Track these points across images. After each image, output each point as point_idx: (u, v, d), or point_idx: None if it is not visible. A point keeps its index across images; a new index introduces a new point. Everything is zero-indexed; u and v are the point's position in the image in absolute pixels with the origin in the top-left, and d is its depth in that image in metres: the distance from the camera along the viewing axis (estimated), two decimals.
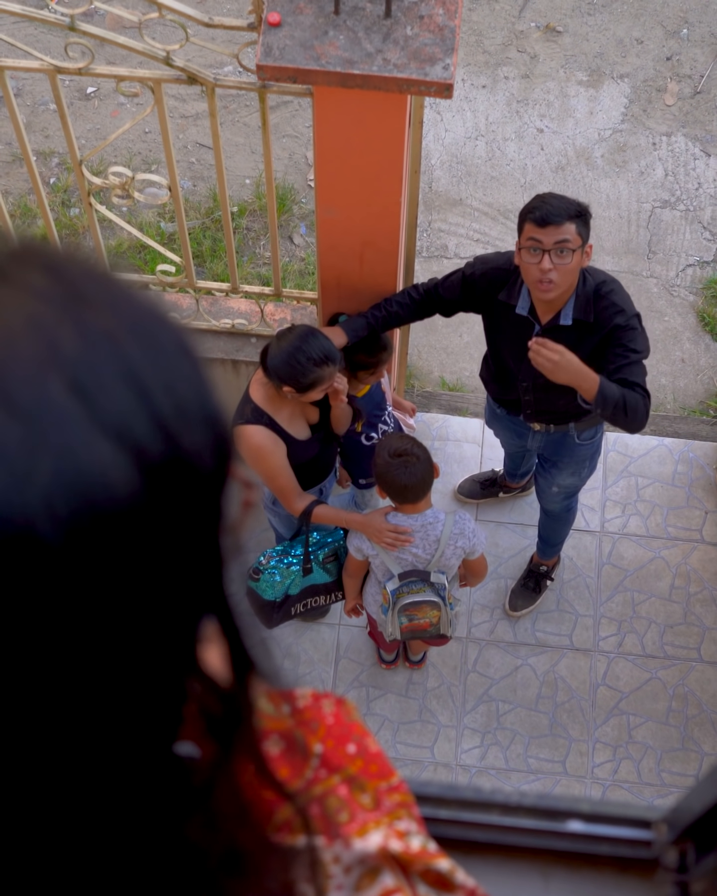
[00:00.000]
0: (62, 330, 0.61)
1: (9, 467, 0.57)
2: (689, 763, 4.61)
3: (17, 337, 0.60)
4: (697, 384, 5.28)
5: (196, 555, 0.65)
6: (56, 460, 0.58)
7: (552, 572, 4.78)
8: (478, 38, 5.89)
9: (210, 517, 0.66)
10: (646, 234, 5.53)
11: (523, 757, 4.62)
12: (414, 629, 4.00)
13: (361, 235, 3.63)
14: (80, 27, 3.20)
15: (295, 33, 2.99)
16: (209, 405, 0.65)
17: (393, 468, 3.64)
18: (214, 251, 5.38)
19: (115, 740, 0.65)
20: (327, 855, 0.80)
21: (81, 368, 0.60)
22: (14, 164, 5.58)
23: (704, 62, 5.86)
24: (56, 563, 0.58)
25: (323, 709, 0.88)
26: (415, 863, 0.81)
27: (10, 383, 0.58)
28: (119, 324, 0.63)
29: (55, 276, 0.64)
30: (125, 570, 0.61)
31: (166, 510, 0.62)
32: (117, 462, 0.59)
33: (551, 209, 3.48)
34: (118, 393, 0.60)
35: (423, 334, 5.18)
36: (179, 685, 0.68)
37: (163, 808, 0.68)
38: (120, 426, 0.60)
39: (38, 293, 0.62)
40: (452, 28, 2.99)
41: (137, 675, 0.64)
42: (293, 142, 5.69)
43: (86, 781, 0.64)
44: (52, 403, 0.58)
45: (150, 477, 0.60)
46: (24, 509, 0.57)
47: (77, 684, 0.61)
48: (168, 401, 0.62)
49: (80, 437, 0.58)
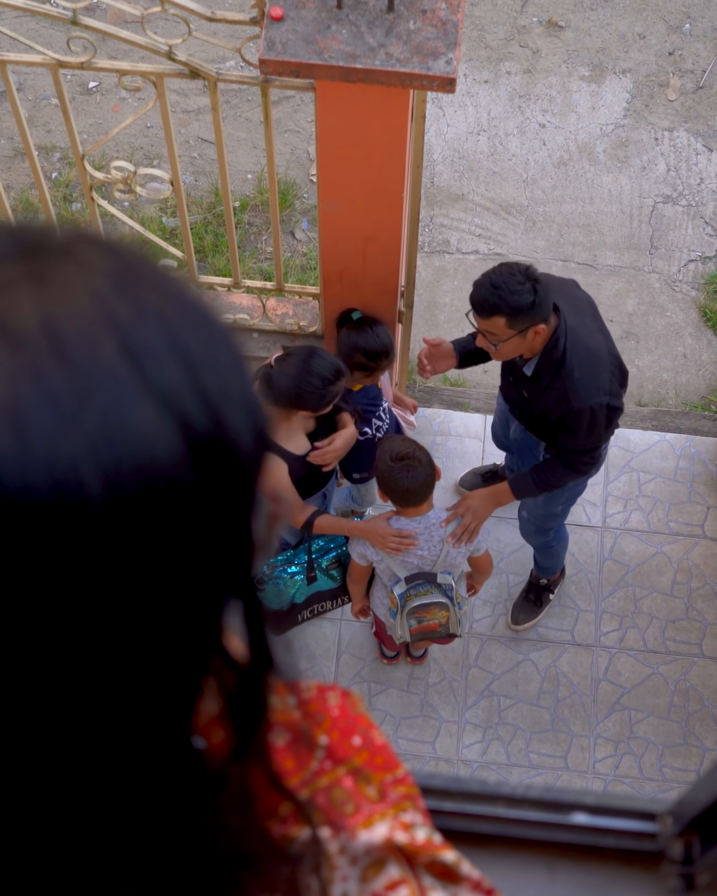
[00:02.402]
0: (119, 302, 0.64)
1: (59, 411, 0.60)
2: (690, 758, 4.61)
3: (77, 302, 0.63)
4: (699, 379, 5.28)
5: (230, 533, 0.66)
6: (103, 411, 0.60)
7: (553, 587, 4.77)
8: (480, 32, 5.89)
9: (245, 500, 0.68)
10: (648, 230, 5.52)
11: (524, 752, 4.62)
12: (424, 630, 4.00)
13: (363, 230, 3.62)
14: (82, 21, 3.19)
15: (298, 27, 2.98)
16: (250, 393, 0.68)
17: (395, 472, 3.63)
18: (215, 246, 5.38)
19: (138, 718, 0.65)
20: (333, 846, 0.80)
21: (134, 336, 0.63)
22: (16, 158, 5.58)
23: (706, 57, 5.85)
24: (95, 508, 0.60)
25: (328, 701, 0.89)
26: (420, 854, 0.81)
27: (65, 337, 0.61)
28: (170, 305, 0.67)
29: (114, 256, 0.68)
30: (161, 533, 0.62)
31: (206, 483, 0.64)
32: (162, 425, 0.62)
33: (481, 299, 3.41)
34: (167, 363, 0.63)
35: (424, 330, 5.18)
36: (204, 664, 0.69)
37: (183, 796, 0.69)
38: (167, 393, 0.63)
39: (98, 269, 0.66)
40: (455, 22, 2.99)
41: (163, 649, 0.65)
42: (295, 136, 5.68)
43: (106, 764, 0.65)
44: (104, 360, 0.62)
45: (192, 447, 0.63)
46: (71, 451, 0.59)
47: (103, 652, 0.62)
48: (213, 380, 0.65)
49: (128, 394, 0.61)
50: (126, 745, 0.65)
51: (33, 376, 0.60)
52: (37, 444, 0.59)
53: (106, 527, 0.60)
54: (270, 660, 0.73)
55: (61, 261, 0.66)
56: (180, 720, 0.68)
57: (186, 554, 0.63)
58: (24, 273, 0.64)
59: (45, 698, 0.62)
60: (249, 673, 0.72)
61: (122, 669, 0.63)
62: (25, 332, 0.61)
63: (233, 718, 0.71)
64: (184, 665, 0.67)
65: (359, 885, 0.80)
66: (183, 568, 0.63)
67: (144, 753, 0.66)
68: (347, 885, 0.79)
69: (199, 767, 0.70)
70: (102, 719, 0.64)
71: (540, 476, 3.80)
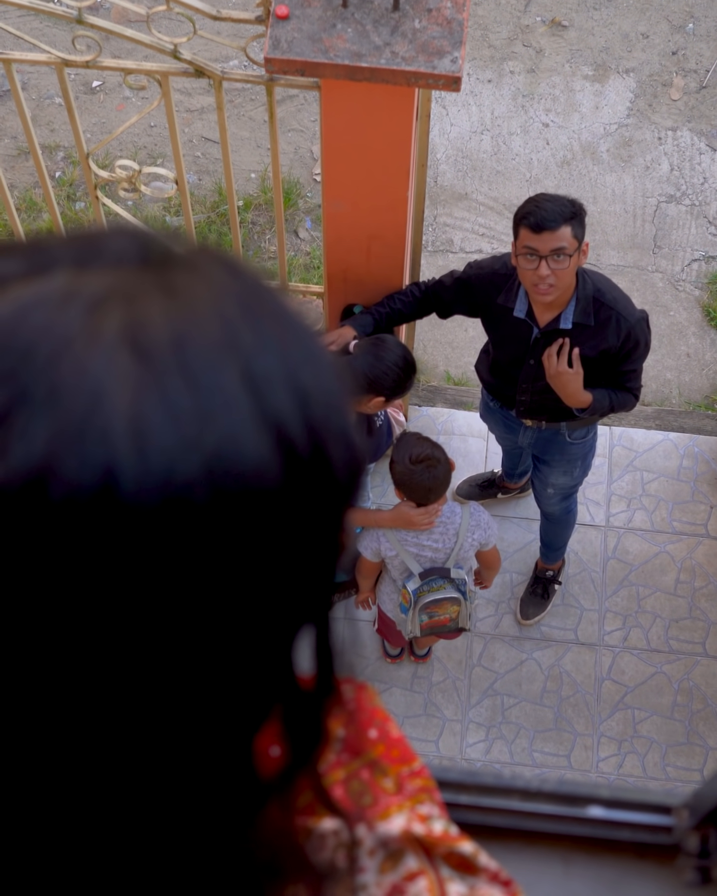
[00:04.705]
0: (243, 326, 0.64)
1: (180, 429, 0.60)
2: (694, 757, 4.61)
3: (205, 321, 0.63)
4: (702, 379, 5.28)
5: (316, 563, 0.67)
6: (220, 436, 0.61)
7: (559, 575, 4.78)
8: (484, 32, 5.89)
9: (334, 531, 0.68)
10: (651, 229, 5.53)
11: (527, 751, 4.62)
12: (434, 625, 4.02)
13: (367, 229, 3.62)
14: (87, 20, 3.19)
15: (303, 26, 2.98)
16: (350, 428, 0.69)
17: (416, 474, 3.67)
18: (219, 245, 5.37)
19: (205, 738, 0.66)
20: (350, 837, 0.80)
21: (255, 364, 0.63)
22: (20, 157, 5.58)
23: (710, 57, 5.85)
24: (201, 526, 0.61)
25: (344, 693, 0.89)
26: (438, 846, 0.81)
27: (192, 357, 0.62)
28: (287, 334, 0.67)
29: (238, 277, 0.68)
30: (254, 556, 0.63)
31: (300, 511, 0.65)
32: (272, 454, 0.62)
33: (545, 214, 3.44)
34: (281, 394, 0.64)
35: (428, 329, 5.18)
36: (276, 692, 0.69)
37: (232, 813, 0.69)
38: (279, 424, 0.63)
39: (225, 289, 0.66)
40: (460, 21, 2.99)
41: (241, 674, 0.65)
42: (299, 136, 5.68)
43: (162, 774, 0.65)
44: (227, 385, 0.62)
45: (295, 477, 0.64)
46: (187, 470, 0.60)
47: (182, 670, 0.62)
48: (320, 414, 0.66)
49: (246, 422, 0.62)
50: (186, 757, 0.66)
51: (159, 392, 0.60)
52: (155, 458, 0.59)
53: (207, 545, 0.61)
54: (334, 687, 0.73)
55: (189, 276, 0.66)
56: (245, 740, 0.69)
57: (274, 579, 0.64)
58: (153, 283, 0.64)
59: (124, 710, 0.62)
60: (313, 700, 0.72)
61: (202, 684, 0.64)
62: (155, 344, 0.61)
63: (291, 741, 0.72)
64: (256, 692, 0.67)
65: (377, 875, 0.80)
66: (269, 592, 0.64)
67: (204, 767, 0.67)
68: (365, 876, 0.80)
69: (253, 784, 0.70)
70: (172, 728, 0.64)
71: (614, 396, 3.80)
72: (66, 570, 0.59)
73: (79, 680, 0.61)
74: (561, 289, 3.54)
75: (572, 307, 3.63)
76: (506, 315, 3.73)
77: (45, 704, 0.61)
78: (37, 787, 0.64)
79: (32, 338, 0.61)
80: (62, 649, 0.60)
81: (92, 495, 0.58)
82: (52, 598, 0.59)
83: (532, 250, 3.45)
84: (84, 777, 0.63)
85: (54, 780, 0.63)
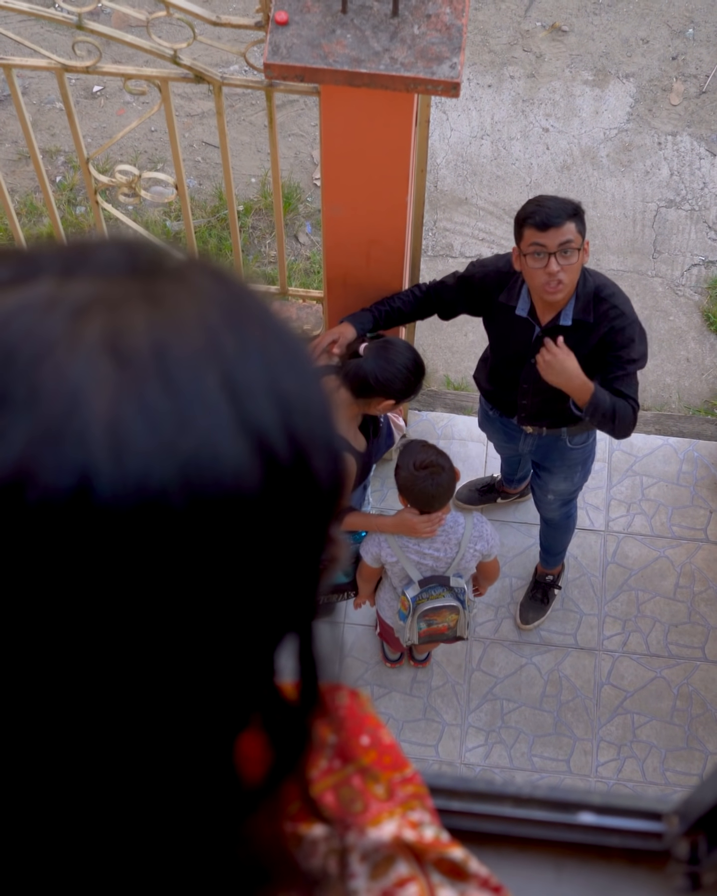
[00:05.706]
0: (226, 334, 0.65)
1: (157, 434, 0.60)
2: (693, 762, 4.61)
3: (188, 329, 0.64)
4: (702, 384, 5.28)
5: (296, 572, 0.67)
6: (198, 441, 0.61)
7: (558, 580, 4.78)
8: (484, 37, 5.90)
9: (317, 540, 0.68)
10: (651, 234, 5.53)
11: (527, 755, 4.62)
12: (432, 633, 4.03)
13: (367, 234, 3.63)
14: (87, 25, 3.20)
15: (302, 32, 2.99)
16: (334, 439, 0.69)
17: (420, 481, 3.68)
18: (219, 250, 5.38)
19: (185, 743, 0.66)
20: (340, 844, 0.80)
21: (236, 372, 0.64)
22: (20, 162, 5.59)
23: (710, 62, 5.86)
24: (177, 530, 0.61)
25: (336, 700, 0.89)
26: (429, 852, 0.82)
27: (172, 363, 0.62)
28: (272, 343, 0.67)
29: (224, 285, 0.68)
30: (232, 562, 0.63)
31: (281, 519, 0.65)
32: (250, 461, 0.63)
33: (550, 212, 3.48)
34: (263, 402, 0.64)
35: (428, 333, 5.18)
36: (253, 701, 0.69)
37: (216, 819, 0.69)
38: (259, 431, 0.63)
39: (210, 298, 0.66)
40: (459, 27, 3.00)
41: (218, 680, 0.65)
42: (299, 140, 5.69)
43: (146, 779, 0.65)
44: (206, 391, 0.62)
45: (275, 485, 0.64)
46: (163, 473, 0.60)
47: (161, 673, 0.63)
48: (303, 423, 0.66)
49: (224, 429, 0.62)
50: (168, 763, 0.66)
51: (137, 396, 0.61)
52: (132, 462, 0.60)
53: (184, 550, 0.61)
54: (319, 698, 0.73)
55: (175, 284, 0.66)
56: (224, 748, 0.69)
57: (254, 586, 0.64)
58: (139, 292, 0.65)
59: (101, 713, 0.62)
60: (296, 707, 0.72)
61: (179, 693, 0.64)
62: (135, 351, 0.62)
63: (274, 748, 0.72)
64: (234, 700, 0.67)
65: (368, 882, 0.80)
66: (249, 599, 0.64)
67: (184, 773, 0.67)
68: (356, 882, 0.80)
69: (236, 790, 0.70)
70: (147, 734, 0.64)
71: (613, 398, 3.72)
72: (41, 575, 0.59)
73: (52, 684, 0.61)
74: (571, 286, 3.56)
75: (572, 304, 3.64)
76: (507, 313, 3.74)
77: (20, 708, 0.61)
78: (17, 795, 0.64)
79: (14, 342, 0.61)
80: (37, 654, 0.60)
81: (67, 499, 0.59)
82: (26, 602, 0.59)
83: (540, 247, 3.46)
84: (64, 783, 0.64)
85: (34, 790, 0.64)
